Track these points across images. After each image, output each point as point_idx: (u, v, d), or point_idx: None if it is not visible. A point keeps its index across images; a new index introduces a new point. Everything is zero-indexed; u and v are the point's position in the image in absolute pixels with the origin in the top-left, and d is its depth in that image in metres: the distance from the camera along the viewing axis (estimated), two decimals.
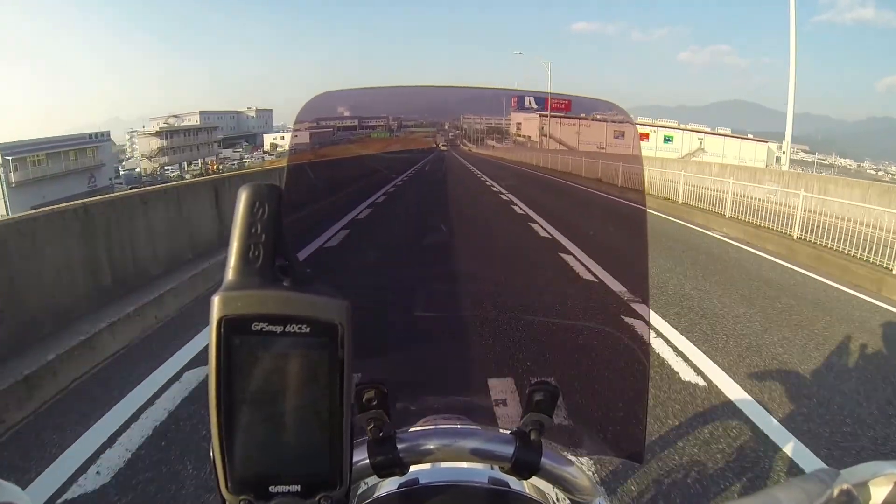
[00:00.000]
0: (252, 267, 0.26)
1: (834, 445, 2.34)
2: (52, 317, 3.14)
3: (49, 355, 2.80)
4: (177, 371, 2.99)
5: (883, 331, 4.00)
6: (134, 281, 4.05)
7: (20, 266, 2.96)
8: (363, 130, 1.49)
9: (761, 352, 3.41)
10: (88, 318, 3.34)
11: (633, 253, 0.97)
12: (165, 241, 4.64)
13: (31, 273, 3.03)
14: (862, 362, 3.39)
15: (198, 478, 2.03)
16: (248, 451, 0.27)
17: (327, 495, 0.29)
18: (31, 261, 3.04)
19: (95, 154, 48.96)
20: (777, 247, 6.97)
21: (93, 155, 48.53)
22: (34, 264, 3.07)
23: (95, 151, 48.84)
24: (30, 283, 3.02)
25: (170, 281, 4.27)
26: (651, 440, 2.28)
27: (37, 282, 3.07)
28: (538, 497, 0.53)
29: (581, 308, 0.93)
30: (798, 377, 3.06)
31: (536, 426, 0.45)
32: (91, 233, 3.62)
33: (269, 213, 0.27)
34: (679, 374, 2.99)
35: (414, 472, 0.50)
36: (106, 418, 2.49)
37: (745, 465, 2.15)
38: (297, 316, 0.26)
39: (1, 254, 2.84)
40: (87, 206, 3.63)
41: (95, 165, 48.25)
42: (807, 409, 2.65)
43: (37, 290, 3.07)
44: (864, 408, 2.70)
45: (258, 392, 0.27)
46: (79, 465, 2.12)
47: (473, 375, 0.77)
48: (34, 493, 1.92)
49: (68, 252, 3.39)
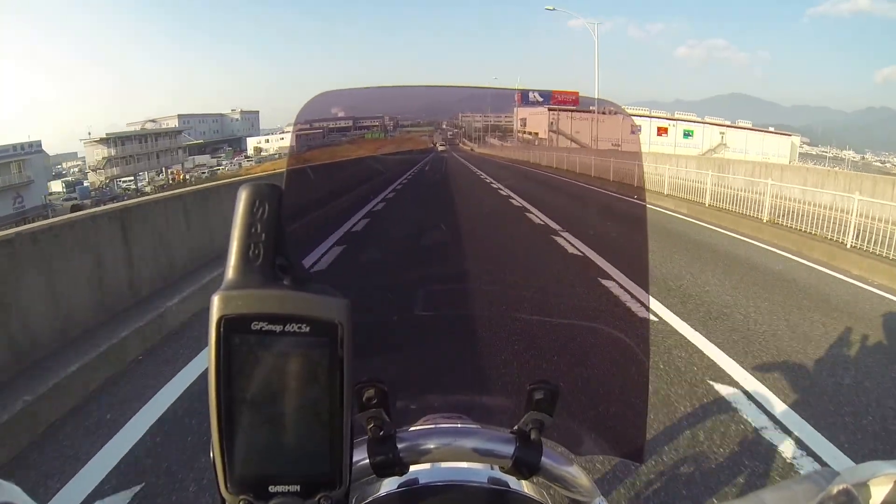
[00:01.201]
0: (252, 266, 0.26)
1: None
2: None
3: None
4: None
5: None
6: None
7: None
8: (361, 131, 1.48)
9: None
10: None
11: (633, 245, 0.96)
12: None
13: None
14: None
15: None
16: (247, 450, 0.27)
17: (327, 495, 0.29)
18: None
19: (22, 168, 39.75)
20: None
21: (19, 170, 39.48)
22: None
23: (22, 165, 39.83)
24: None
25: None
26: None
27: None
28: (538, 497, 0.53)
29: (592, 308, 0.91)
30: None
31: (536, 425, 0.45)
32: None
33: (269, 213, 0.27)
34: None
35: (414, 472, 0.50)
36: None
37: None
38: (297, 315, 0.26)
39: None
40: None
41: (22, 183, 39.80)
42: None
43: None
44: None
45: (258, 392, 0.27)
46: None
47: (474, 374, 0.77)
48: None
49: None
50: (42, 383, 2.65)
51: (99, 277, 3.63)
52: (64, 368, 2.82)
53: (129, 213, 4.13)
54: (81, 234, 3.53)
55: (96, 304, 3.56)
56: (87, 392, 2.88)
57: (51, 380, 2.71)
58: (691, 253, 6.41)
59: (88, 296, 3.51)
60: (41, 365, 2.85)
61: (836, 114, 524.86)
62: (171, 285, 4.47)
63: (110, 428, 2.52)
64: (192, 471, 2.15)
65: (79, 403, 2.77)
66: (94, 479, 2.13)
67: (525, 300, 0.85)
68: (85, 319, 3.42)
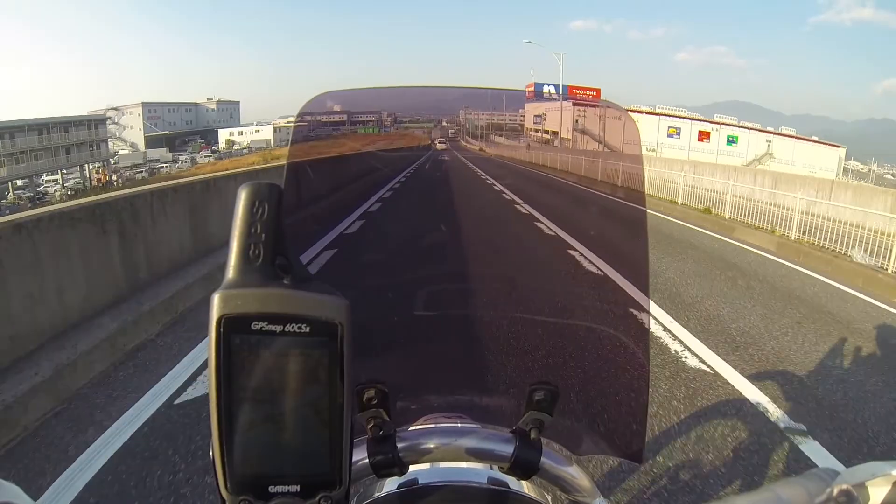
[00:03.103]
0: (252, 266, 0.26)
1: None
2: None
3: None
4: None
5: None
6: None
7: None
8: (355, 126, 1.46)
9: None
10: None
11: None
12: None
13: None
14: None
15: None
16: (247, 450, 0.27)
17: (327, 495, 0.29)
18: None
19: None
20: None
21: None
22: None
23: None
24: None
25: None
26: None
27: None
28: (538, 497, 0.53)
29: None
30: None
31: (536, 425, 0.45)
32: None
33: (269, 212, 0.27)
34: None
35: (413, 472, 0.50)
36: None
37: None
38: (297, 315, 0.26)
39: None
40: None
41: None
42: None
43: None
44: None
45: (258, 391, 0.27)
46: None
47: (474, 374, 0.77)
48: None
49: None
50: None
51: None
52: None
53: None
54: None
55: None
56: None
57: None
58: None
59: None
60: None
61: (837, 124, 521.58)
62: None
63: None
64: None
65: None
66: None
67: (525, 300, 0.85)
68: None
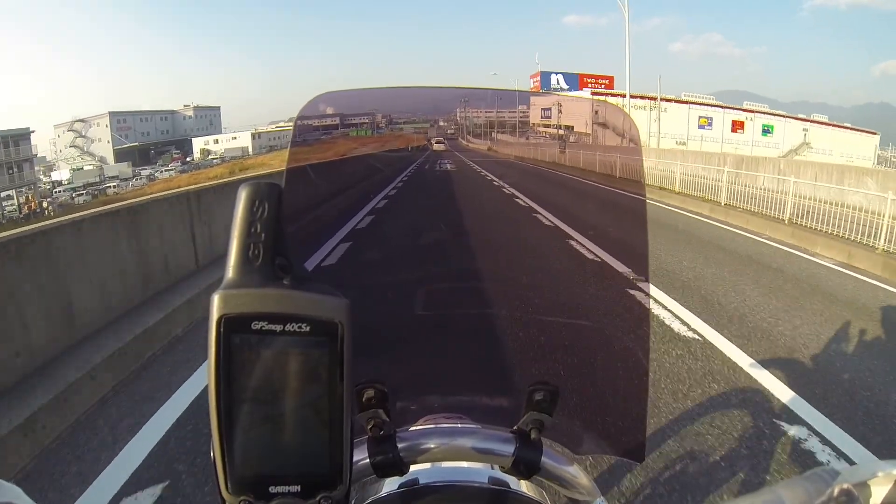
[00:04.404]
0: (252, 265, 0.26)
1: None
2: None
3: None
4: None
5: None
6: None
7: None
8: (348, 128, 1.45)
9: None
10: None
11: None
12: None
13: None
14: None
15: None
16: (248, 451, 0.27)
17: (327, 495, 0.29)
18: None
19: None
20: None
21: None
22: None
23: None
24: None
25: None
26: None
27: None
28: (538, 497, 0.53)
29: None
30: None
31: (537, 425, 0.45)
32: None
33: (269, 212, 0.27)
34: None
35: (414, 472, 0.50)
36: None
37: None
38: (297, 315, 0.26)
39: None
40: None
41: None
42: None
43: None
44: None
45: (258, 391, 0.27)
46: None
47: (474, 374, 0.77)
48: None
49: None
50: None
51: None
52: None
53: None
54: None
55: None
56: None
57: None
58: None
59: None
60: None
61: (835, 109, 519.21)
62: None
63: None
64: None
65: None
66: None
67: (525, 300, 0.85)
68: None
